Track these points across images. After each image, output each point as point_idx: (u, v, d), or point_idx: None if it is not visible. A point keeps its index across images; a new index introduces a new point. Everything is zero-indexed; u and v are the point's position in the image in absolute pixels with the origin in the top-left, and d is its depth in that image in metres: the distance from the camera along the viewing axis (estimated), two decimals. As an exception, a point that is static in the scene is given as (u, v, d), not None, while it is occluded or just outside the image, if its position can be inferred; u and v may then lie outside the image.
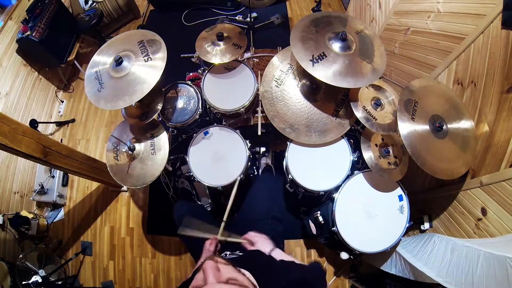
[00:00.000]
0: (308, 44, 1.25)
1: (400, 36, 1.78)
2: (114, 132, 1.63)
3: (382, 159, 1.37)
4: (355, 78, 1.19)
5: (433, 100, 1.25)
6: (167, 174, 2.04)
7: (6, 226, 2.10)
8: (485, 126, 1.20)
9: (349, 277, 1.98)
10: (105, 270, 2.22)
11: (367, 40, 1.31)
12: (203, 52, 1.63)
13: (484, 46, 1.20)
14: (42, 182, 2.34)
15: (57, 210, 2.43)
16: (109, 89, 1.36)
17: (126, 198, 2.39)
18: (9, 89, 2.34)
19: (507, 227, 1.06)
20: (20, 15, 2.47)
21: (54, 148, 1.61)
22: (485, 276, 0.98)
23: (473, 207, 1.23)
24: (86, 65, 1.48)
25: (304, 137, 1.44)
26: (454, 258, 1.15)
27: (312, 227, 1.66)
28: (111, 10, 3.00)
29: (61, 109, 2.83)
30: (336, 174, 1.45)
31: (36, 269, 1.88)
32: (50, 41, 2.41)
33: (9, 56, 2.37)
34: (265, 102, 1.47)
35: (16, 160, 2.31)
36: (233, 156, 1.57)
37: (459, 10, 1.32)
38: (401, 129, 1.15)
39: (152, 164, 1.50)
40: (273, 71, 1.50)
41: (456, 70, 1.38)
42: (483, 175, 1.18)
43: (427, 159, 1.14)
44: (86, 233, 2.34)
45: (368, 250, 1.36)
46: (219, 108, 1.59)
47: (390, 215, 1.39)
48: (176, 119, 1.66)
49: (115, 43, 1.49)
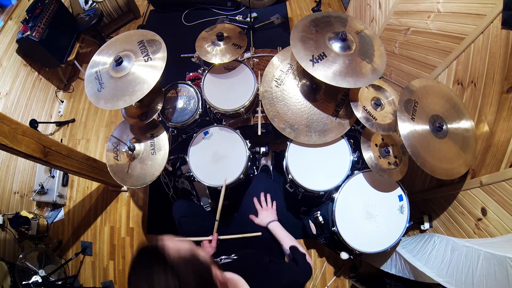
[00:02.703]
0: (308, 44, 1.25)
1: (400, 36, 1.78)
2: (114, 132, 1.63)
3: (382, 159, 1.37)
4: (355, 78, 1.19)
5: (433, 100, 1.25)
6: (167, 174, 2.04)
7: (6, 226, 2.10)
8: (485, 126, 1.20)
9: (349, 277, 1.98)
10: (105, 270, 2.22)
11: (367, 40, 1.31)
12: (203, 52, 1.63)
13: (484, 46, 1.20)
14: (42, 182, 2.34)
15: (57, 210, 2.43)
16: (109, 89, 1.36)
17: (126, 198, 2.39)
18: (9, 89, 2.34)
19: (507, 227, 1.06)
20: (20, 15, 2.47)
21: (54, 148, 1.61)
22: (485, 276, 0.98)
23: (473, 207, 1.23)
24: (86, 65, 1.48)
25: (304, 137, 1.44)
26: (454, 258, 1.15)
27: (312, 227, 1.66)
28: (111, 10, 3.00)
29: (61, 109, 2.83)
30: (336, 174, 1.45)
31: (36, 269, 1.88)
32: (50, 41, 2.41)
33: (9, 56, 2.37)
34: (265, 102, 1.47)
35: (16, 160, 2.31)
36: (233, 156, 1.57)
37: (459, 10, 1.32)
38: (401, 129, 1.15)
39: (152, 164, 1.50)
40: (273, 71, 1.50)
41: (456, 70, 1.38)
42: (483, 175, 1.18)
43: (427, 159, 1.14)
44: (86, 233, 2.33)
45: (368, 250, 1.36)
46: (219, 108, 1.59)
47: (390, 215, 1.39)
48: (176, 119, 1.66)
49: (115, 43, 1.49)
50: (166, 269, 0.52)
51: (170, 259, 0.53)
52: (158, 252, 0.55)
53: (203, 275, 0.57)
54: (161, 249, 0.55)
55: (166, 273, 0.51)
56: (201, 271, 0.57)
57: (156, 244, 0.56)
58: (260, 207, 1.31)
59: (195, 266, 0.57)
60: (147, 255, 0.56)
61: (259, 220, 1.27)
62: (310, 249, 2.07)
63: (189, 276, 0.53)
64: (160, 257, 0.54)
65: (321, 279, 2.00)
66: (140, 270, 0.54)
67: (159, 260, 0.53)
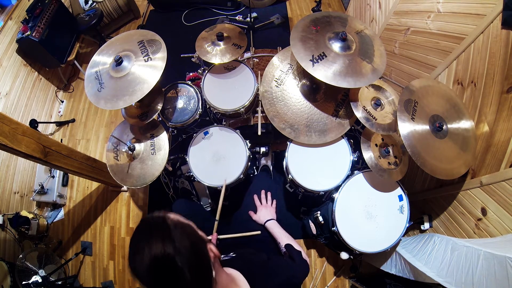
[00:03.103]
0: (308, 44, 1.25)
1: (400, 36, 1.78)
2: (114, 132, 1.63)
3: (382, 159, 1.37)
4: (355, 78, 1.19)
5: (433, 100, 1.25)
6: (167, 174, 2.04)
7: (6, 226, 2.10)
8: (485, 126, 1.20)
9: (349, 277, 1.98)
10: (105, 270, 2.22)
11: (367, 40, 1.31)
12: (203, 52, 1.63)
13: (484, 46, 1.20)
14: (42, 182, 2.34)
15: (57, 210, 2.43)
16: (109, 89, 1.36)
17: (126, 198, 2.39)
18: (9, 89, 2.34)
19: (507, 227, 1.06)
20: (20, 15, 2.47)
21: (54, 148, 1.61)
22: (485, 276, 0.98)
23: (473, 207, 1.23)
24: (86, 65, 1.48)
25: (304, 137, 1.44)
26: (454, 258, 1.15)
27: (312, 227, 1.66)
28: (111, 10, 3.00)
29: (61, 109, 2.83)
30: (336, 174, 1.45)
31: (36, 269, 1.88)
32: (50, 41, 2.41)
33: (9, 56, 2.37)
34: (265, 102, 1.47)
35: (16, 160, 2.31)
36: (233, 156, 1.57)
37: (459, 10, 1.32)
38: (401, 129, 1.15)
39: (152, 164, 1.50)
40: (273, 71, 1.50)
41: (456, 70, 1.38)
42: (483, 175, 1.18)
43: (427, 159, 1.14)
44: (86, 233, 2.33)
45: (368, 250, 1.36)
46: (219, 108, 1.59)
47: (390, 215, 1.39)
48: (176, 119, 1.66)
49: (115, 43, 1.49)
50: (164, 234, 0.58)
51: (170, 227, 0.59)
52: (160, 219, 0.61)
53: (198, 245, 0.62)
54: (162, 217, 0.62)
55: (164, 238, 0.57)
56: (196, 241, 0.63)
57: (160, 213, 0.63)
58: (260, 204, 1.31)
59: (192, 236, 0.62)
60: (150, 221, 0.62)
61: (257, 217, 1.27)
62: (310, 249, 2.07)
63: (185, 243, 0.58)
64: (160, 223, 0.60)
65: (321, 279, 2.00)
66: (141, 233, 0.61)
67: (159, 226, 0.60)
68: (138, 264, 0.56)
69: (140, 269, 0.55)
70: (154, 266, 0.54)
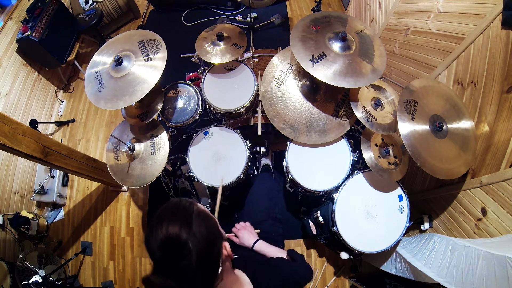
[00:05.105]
0: (308, 44, 1.25)
1: (400, 36, 1.78)
2: (114, 132, 1.63)
3: (382, 159, 1.37)
4: (355, 78, 1.19)
5: (433, 100, 1.25)
6: (167, 174, 2.04)
7: (6, 226, 2.10)
8: (485, 126, 1.20)
9: (349, 277, 1.98)
10: (105, 270, 2.22)
11: (367, 40, 1.31)
12: (203, 52, 1.63)
13: (484, 46, 1.20)
14: (42, 182, 2.34)
15: (57, 210, 2.43)
16: (109, 89, 1.36)
17: (126, 198, 2.39)
18: (9, 89, 2.34)
19: (507, 227, 1.06)
20: (20, 15, 2.47)
21: (54, 148, 1.61)
22: (485, 276, 0.98)
23: (473, 207, 1.23)
24: (86, 65, 1.48)
25: (304, 137, 1.44)
26: (454, 258, 1.15)
27: (312, 227, 1.66)
28: (111, 10, 3.00)
29: (61, 109, 2.83)
30: (336, 174, 1.45)
31: (36, 269, 1.88)
32: (50, 41, 2.41)
33: (9, 56, 2.37)
34: (265, 102, 1.47)
35: (16, 160, 2.31)
36: (233, 156, 1.57)
37: (459, 10, 1.32)
38: (401, 129, 1.15)
39: (152, 164, 1.50)
40: (273, 71, 1.50)
41: (456, 70, 1.38)
42: (483, 175, 1.18)
43: (427, 159, 1.14)
44: (86, 233, 2.33)
45: (368, 250, 1.37)
46: (219, 108, 1.59)
47: (390, 215, 1.39)
48: (176, 119, 1.66)
49: (115, 43, 1.49)
50: (186, 218, 0.59)
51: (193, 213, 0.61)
52: (187, 203, 0.64)
53: (213, 237, 0.63)
54: (190, 202, 0.65)
55: (183, 221, 0.58)
56: (214, 233, 0.64)
57: (189, 199, 0.66)
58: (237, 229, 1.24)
59: (211, 228, 0.63)
60: (178, 202, 0.64)
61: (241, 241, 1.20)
62: (310, 249, 2.07)
63: (202, 231, 0.59)
64: (186, 207, 0.62)
65: (321, 279, 2.00)
66: (165, 211, 0.62)
67: (184, 210, 0.62)
68: (153, 239, 0.58)
69: (153, 243, 0.57)
70: (165, 243, 0.56)
